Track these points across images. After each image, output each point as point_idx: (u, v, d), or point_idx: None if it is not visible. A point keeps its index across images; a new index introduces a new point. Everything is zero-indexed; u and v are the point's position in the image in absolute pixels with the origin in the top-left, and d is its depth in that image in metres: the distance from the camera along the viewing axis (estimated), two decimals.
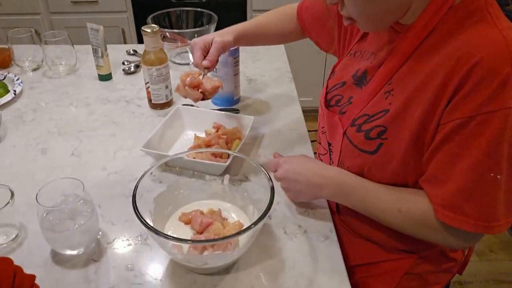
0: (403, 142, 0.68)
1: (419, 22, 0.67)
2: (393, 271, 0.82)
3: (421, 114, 0.65)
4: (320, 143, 0.91)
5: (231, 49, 1.06)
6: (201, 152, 0.85)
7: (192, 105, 1.14)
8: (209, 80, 0.91)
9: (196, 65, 0.93)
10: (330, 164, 0.85)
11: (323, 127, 0.87)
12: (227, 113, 1.05)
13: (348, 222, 0.86)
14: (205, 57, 0.92)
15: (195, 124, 1.04)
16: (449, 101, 0.62)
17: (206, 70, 0.92)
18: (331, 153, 0.84)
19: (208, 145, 0.93)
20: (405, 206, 0.71)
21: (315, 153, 0.97)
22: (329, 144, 0.85)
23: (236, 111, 1.13)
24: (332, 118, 0.82)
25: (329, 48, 1.00)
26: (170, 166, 0.80)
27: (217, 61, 0.93)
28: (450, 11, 0.64)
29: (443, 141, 0.64)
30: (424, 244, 0.79)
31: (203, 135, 1.00)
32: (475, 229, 0.64)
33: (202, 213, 0.76)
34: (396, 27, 0.72)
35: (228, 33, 0.96)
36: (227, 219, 0.76)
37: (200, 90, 0.91)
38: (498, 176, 0.61)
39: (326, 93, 0.87)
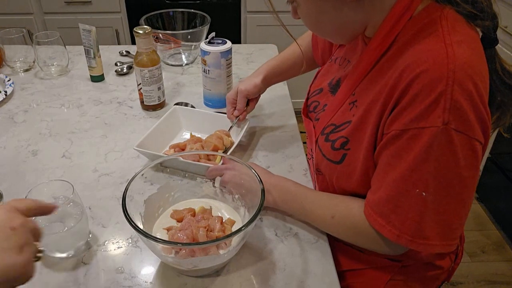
0: (361, 152, 0.69)
1: (379, 34, 0.67)
2: (377, 278, 0.82)
3: (373, 125, 0.66)
4: (311, 149, 0.91)
5: (224, 50, 1.06)
6: (193, 154, 0.85)
7: (186, 104, 1.14)
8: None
9: (228, 118, 1.01)
10: (313, 170, 0.86)
11: (307, 133, 0.89)
12: (222, 114, 1.05)
13: None
14: (235, 108, 1.00)
15: (191, 125, 1.04)
16: (391, 111, 0.63)
17: (236, 119, 1.00)
18: (312, 159, 0.85)
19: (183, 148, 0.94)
20: (338, 213, 0.73)
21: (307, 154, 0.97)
22: (311, 150, 0.85)
23: None
24: (308, 124, 0.84)
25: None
26: (163, 166, 0.79)
27: (245, 108, 1.00)
28: (409, 23, 0.64)
29: (381, 150, 0.65)
30: (406, 252, 0.78)
31: (198, 136, 1.00)
32: (397, 240, 0.64)
33: (193, 214, 0.76)
34: (364, 39, 0.73)
35: (256, 75, 1.01)
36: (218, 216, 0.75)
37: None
38: (423, 193, 0.61)
39: (307, 99, 0.88)
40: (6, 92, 1.18)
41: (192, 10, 1.44)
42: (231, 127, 1.00)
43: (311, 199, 0.77)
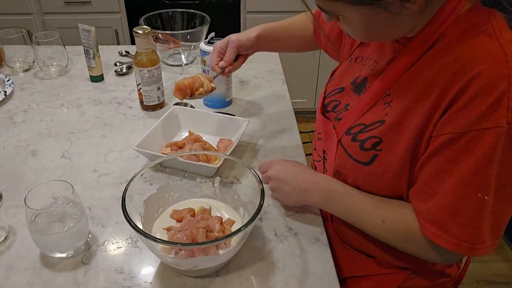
0: (398, 154, 0.67)
1: (422, 34, 0.65)
2: (385, 285, 0.81)
3: (416, 126, 0.64)
4: (315, 149, 0.89)
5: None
6: (193, 154, 0.85)
7: (186, 105, 1.14)
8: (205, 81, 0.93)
9: (212, 68, 0.96)
10: (323, 173, 0.84)
11: (320, 133, 0.85)
12: (222, 114, 1.05)
13: (341, 231, 0.84)
14: (221, 59, 0.95)
15: (190, 125, 1.04)
16: (443, 113, 0.61)
17: (220, 71, 0.94)
18: (325, 160, 0.83)
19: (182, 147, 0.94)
20: (389, 217, 0.70)
21: (307, 154, 0.97)
22: (324, 151, 0.83)
23: (231, 115, 1.13)
24: (327, 124, 0.81)
25: (336, 56, 0.98)
26: (162, 166, 0.80)
27: (233, 61, 0.95)
28: (453, 23, 0.63)
29: (432, 154, 0.63)
30: (418, 260, 0.77)
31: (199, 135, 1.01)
32: (456, 249, 0.62)
33: (193, 214, 0.76)
34: (400, 40, 0.71)
35: (251, 30, 0.97)
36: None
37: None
38: (486, 197, 0.59)
39: (324, 98, 0.85)
40: (5, 92, 1.18)
41: (192, 10, 1.44)
42: (214, 77, 0.94)
43: (359, 201, 0.73)
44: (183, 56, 1.41)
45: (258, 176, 0.71)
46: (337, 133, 0.77)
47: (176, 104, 1.12)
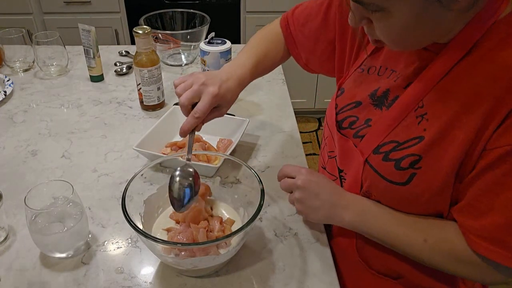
0: (441, 171, 0.61)
1: (457, 40, 0.60)
2: None
3: (464, 140, 0.59)
4: (324, 168, 0.82)
5: (223, 50, 1.06)
6: (193, 154, 0.84)
7: None
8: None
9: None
10: None
11: (332, 151, 0.79)
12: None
13: (367, 257, 0.78)
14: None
15: None
16: (499, 125, 0.56)
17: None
18: (342, 180, 0.77)
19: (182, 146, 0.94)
20: (432, 236, 0.66)
21: (307, 154, 0.97)
22: (340, 171, 0.77)
23: (231, 115, 1.13)
24: (345, 142, 0.74)
25: (321, 67, 0.91)
26: (162, 166, 0.80)
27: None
28: (493, 27, 0.58)
29: (486, 168, 0.58)
30: (444, 282, 0.74)
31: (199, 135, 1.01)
32: None
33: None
34: (429, 46, 0.65)
35: (237, 83, 0.80)
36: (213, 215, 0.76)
37: None
38: None
39: (337, 114, 0.78)
40: (5, 92, 1.18)
41: (192, 10, 1.44)
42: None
43: (397, 220, 0.68)
44: (183, 56, 1.41)
45: (258, 176, 0.71)
46: (362, 152, 0.70)
47: (176, 104, 1.12)
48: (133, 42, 2.17)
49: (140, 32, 1.03)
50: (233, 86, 0.79)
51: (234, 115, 1.08)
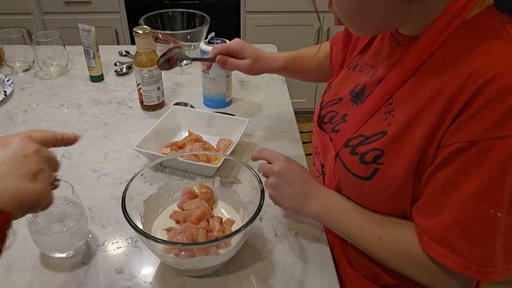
0: (400, 168, 0.61)
1: (426, 36, 0.60)
2: None
3: (422, 137, 0.58)
4: (314, 165, 0.84)
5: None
6: (193, 154, 0.85)
7: (186, 105, 1.14)
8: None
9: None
10: None
11: (317, 147, 0.80)
12: (222, 114, 1.05)
13: (351, 256, 0.77)
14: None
15: (190, 125, 1.04)
16: (453, 121, 0.55)
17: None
18: (324, 176, 0.78)
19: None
20: (387, 235, 0.65)
21: (307, 154, 0.97)
22: (322, 166, 0.78)
23: (231, 115, 1.13)
24: (323, 137, 0.76)
25: None
26: (162, 166, 0.80)
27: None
28: (461, 26, 0.58)
29: (439, 166, 0.57)
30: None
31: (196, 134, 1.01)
32: (465, 272, 0.56)
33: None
34: (398, 38, 0.67)
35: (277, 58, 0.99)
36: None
37: None
38: (499, 214, 0.53)
39: (320, 109, 0.80)
40: (5, 92, 1.18)
41: (192, 10, 1.44)
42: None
43: (359, 217, 0.68)
44: None
45: (258, 176, 0.71)
46: (335, 145, 0.72)
47: (176, 104, 1.12)
48: (133, 42, 2.17)
49: (140, 32, 1.03)
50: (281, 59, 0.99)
51: (234, 115, 1.08)
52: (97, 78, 1.28)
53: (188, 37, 1.35)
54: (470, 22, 0.58)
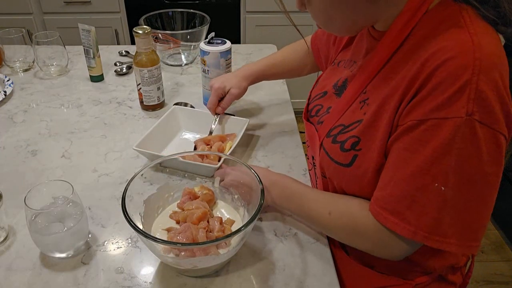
0: (375, 152, 0.65)
1: (393, 29, 0.64)
2: None
3: (388, 121, 0.62)
4: (308, 158, 0.87)
5: (223, 50, 1.06)
6: (192, 155, 0.84)
7: (186, 105, 1.14)
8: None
9: (209, 109, 1.02)
10: (315, 179, 0.83)
11: (307, 140, 0.84)
12: (223, 114, 1.05)
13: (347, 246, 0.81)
14: (219, 102, 1.01)
15: (190, 125, 1.04)
16: (408, 102, 0.60)
17: (217, 116, 1.02)
18: (314, 167, 0.81)
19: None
20: (336, 209, 0.70)
21: (307, 155, 0.98)
22: (313, 158, 0.82)
23: (231, 115, 1.13)
24: (310, 129, 0.81)
25: None
26: (162, 166, 0.80)
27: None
28: (425, 17, 0.62)
29: (392, 143, 0.62)
30: (422, 269, 0.76)
31: (198, 136, 1.02)
32: (412, 236, 0.60)
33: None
34: (374, 34, 0.71)
35: (245, 78, 1.03)
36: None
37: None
38: (443, 188, 0.57)
39: (308, 104, 0.85)
40: (5, 92, 1.18)
41: (192, 10, 1.44)
42: (215, 120, 1.02)
43: (310, 196, 0.74)
44: (183, 56, 1.41)
45: (258, 176, 0.71)
46: (319, 136, 0.76)
47: (176, 104, 1.12)
48: (133, 42, 2.17)
49: (140, 32, 1.03)
50: (244, 85, 1.03)
51: (234, 115, 1.08)
52: (97, 78, 1.28)
53: (188, 37, 1.35)
54: (432, 12, 0.62)
